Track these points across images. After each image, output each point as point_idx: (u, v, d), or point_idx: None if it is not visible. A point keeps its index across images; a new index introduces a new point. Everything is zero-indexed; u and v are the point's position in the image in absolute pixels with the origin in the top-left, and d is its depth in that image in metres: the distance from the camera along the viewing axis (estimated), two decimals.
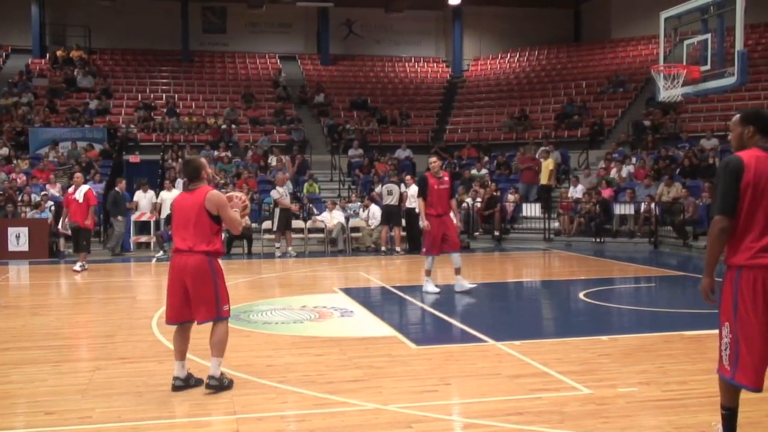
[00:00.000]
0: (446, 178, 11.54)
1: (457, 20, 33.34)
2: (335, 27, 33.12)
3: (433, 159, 11.94)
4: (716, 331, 4.56)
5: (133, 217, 19.32)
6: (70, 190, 15.50)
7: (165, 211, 17.95)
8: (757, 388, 4.26)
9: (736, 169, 4.23)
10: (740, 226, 4.26)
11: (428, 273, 11.61)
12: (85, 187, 15.20)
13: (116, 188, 18.57)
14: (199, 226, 6.06)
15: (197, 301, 6.05)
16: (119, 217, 18.16)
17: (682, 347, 7.76)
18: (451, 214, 11.59)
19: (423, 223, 11.41)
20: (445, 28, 34.39)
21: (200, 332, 6.44)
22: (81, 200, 14.92)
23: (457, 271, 11.56)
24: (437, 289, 11.50)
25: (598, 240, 19.45)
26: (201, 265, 6.03)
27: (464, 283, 11.54)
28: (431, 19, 34.39)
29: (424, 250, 11.73)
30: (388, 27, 33.96)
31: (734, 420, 4.49)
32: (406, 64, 33.84)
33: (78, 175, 15.81)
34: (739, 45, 12.57)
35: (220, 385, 6.07)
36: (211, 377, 6.06)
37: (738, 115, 4.52)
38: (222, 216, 6.12)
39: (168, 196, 18.44)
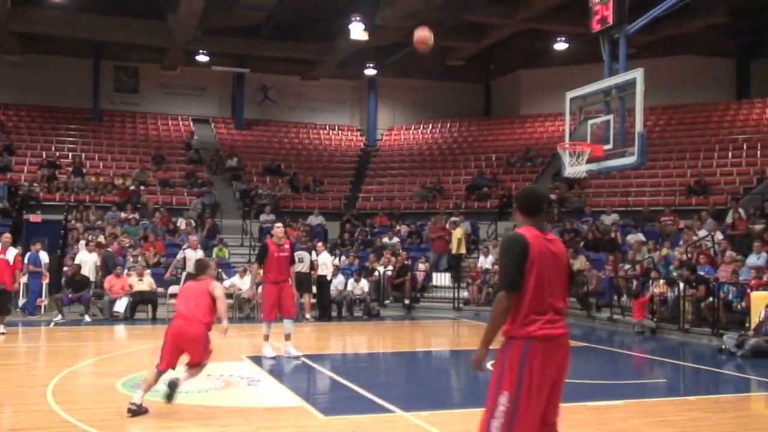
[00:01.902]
0: (287, 246, 11.89)
1: (372, 90, 33.96)
2: (251, 92, 33.21)
3: (279, 225, 12.24)
4: (618, 402, 4.67)
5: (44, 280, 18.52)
6: None
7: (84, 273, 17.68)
8: None
9: (522, 248, 4.48)
10: (526, 300, 4.45)
11: (266, 338, 11.75)
12: (14, 250, 14.66)
13: (31, 249, 17.94)
14: (200, 304, 8.05)
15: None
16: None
17: (585, 418, 7.88)
18: (290, 281, 11.88)
19: (250, 290, 11.55)
20: (361, 98, 34.94)
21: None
22: (12, 262, 14.38)
23: (287, 337, 11.80)
24: (274, 354, 11.65)
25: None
26: (197, 330, 8.00)
27: (291, 350, 11.77)
28: (347, 88, 34.90)
29: (262, 316, 11.85)
30: (304, 94, 34.27)
31: None
32: (321, 131, 34.10)
33: (7, 235, 15.12)
34: (639, 126, 13.16)
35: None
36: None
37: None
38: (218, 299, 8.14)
39: (86, 258, 17.98)
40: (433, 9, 24.47)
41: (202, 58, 29.84)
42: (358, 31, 25.44)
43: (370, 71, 31.73)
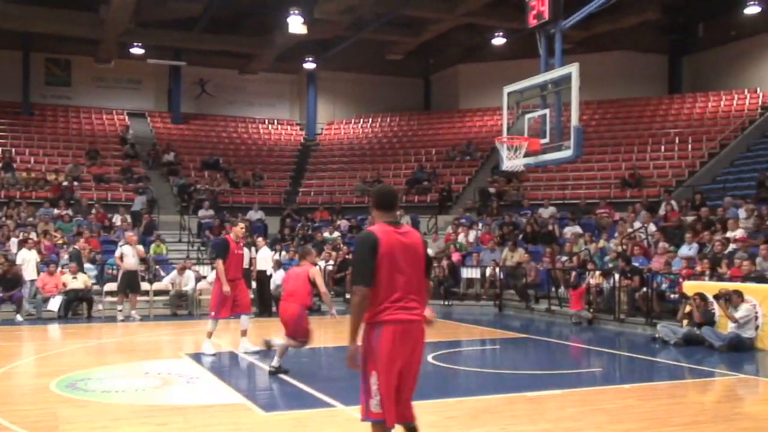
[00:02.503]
0: (242, 244, 12.22)
1: (311, 84, 33.78)
2: (188, 85, 32.69)
3: (242, 225, 12.50)
4: (555, 392, 4.73)
5: None
6: None
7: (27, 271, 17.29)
8: (400, 422, 4.97)
9: (372, 245, 4.85)
10: (380, 290, 4.84)
11: (210, 335, 11.68)
12: None
13: None
14: (298, 288, 9.62)
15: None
16: None
17: (524, 408, 7.98)
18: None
19: (225, 287, 11.42)
20: (300, 92, 34.75)
21: None
22: None
23: (244, 333, 11.87)
24: (214, 351, 11.61)
25: (446, 303, 19.86)
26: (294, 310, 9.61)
27: (248, 345, 11.84)
28: (286, 83, 34.64)
29: (212, 313, 11.74)
30: (243, 88, 33.90)
31: None
32: (260, 126, 33.80)
33: None
34: (574, 121, 13.39)
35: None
36: None
37: None
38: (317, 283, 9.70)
39: (27, 257, 17.48)
40: (372, 3, 24.49)
41: (137, 50, 29.23)
42: (296, 24, 25.29)
43: (309, 65, 31.55)
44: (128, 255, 17.11)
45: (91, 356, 11.84)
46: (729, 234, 16.07)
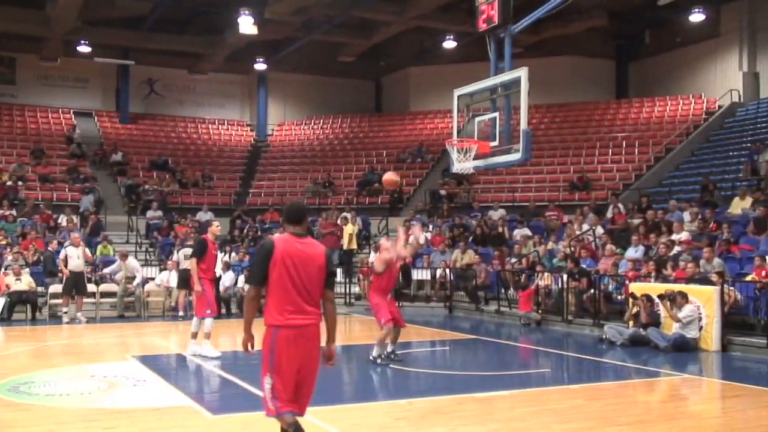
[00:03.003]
0: (216, 244, 12.19)
1: (262, 85, 33.57)
2: (136, 85, 32.21)
3: (217, 224, 12.46)
4: (504, 392, 4.77)
5: None
6: None
7: None
8: (298, 412, 5.37)
9: (267, 250, 5.29)
10: (276, 294, 5.25)
11: (208, 336, 11.57)
12: None
13: None
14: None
15: None
16: None
17: (473, 409, 8.04)
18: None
19: (197, 287, 11.32)
20: (251, 92, 34.50)
21: None
22: None
23: (194, 336, 11.73)
24: (218, 353, 11.50)
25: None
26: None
27: (197, 348, 11.65)
28: (236, 83, 34.37)
29: (208, 312, 11.59)
30: (192, 88, 33.54)
31: None
32: (210, 126, 33.46)
33: None
34: (523, 124, 13.50)
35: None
36: None
37: None
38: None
39: None
40: (323, 5, 24.44)
41: (83, 49, 28.71)
42: (247, 25, 25.12)
43: (260, 66, 31.36)
44: (73, 256, 16.79)
45: (36, 359, 11.60)
46: (674, 237, 16.39)
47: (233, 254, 20.96)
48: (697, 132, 26.16)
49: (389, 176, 13.08)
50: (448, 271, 19.86)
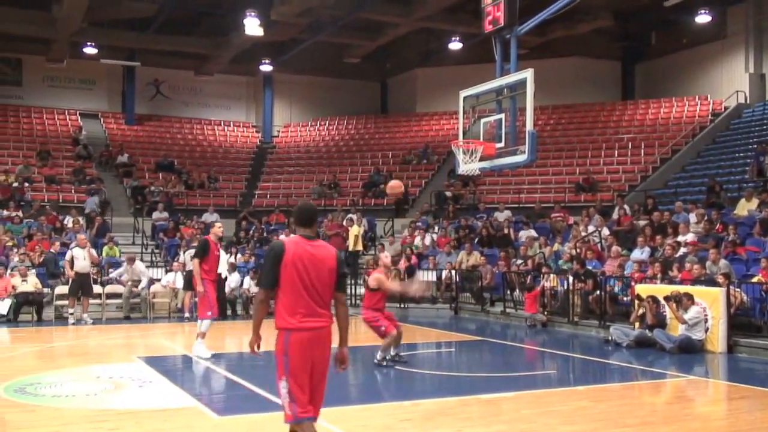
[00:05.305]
0: (219, 245, 12.31)
1: (268, 87, 33.62)
2: (142, 86, 32.30)
3: (219, 225, 12.61)
4: (510, 394, 4.76)
5: None
6: None
7: None
8: (314, 417, 5.25)
9: (278, 253, 5.22)
10: (288, 297, 5.18)
11: (203, 336, 11.61)
12: None
13: None
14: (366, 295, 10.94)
15: None
16: None
17: (478, 410, 8.03)
18: None
19: (200, 287, 11.36)
20: (256, 94, 34.53)
21: None
22: None
23: (203, 336, 11.72)
24: (209, 354, 11.54)
25: (402, 305, 19.88)
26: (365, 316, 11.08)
27: (203, 349, 11.70)
28: (242, 85, 34.43)
29: (209, 313, 11.64)
30: (198, 90, 33.61)
31: None
32: (216, 128, 33.52)
33: None
34: (529, 125, 13.49)
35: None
36: None
37: None
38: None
39: None
40: (329, 6, 24.46)
41: (90, 50, 28.77)
42: (253, 26, 25.17)
43: (266, 67, 31.40)
44: (79, 258, 16.82)
45: (42, 360, 11.63)
46: (680, 238, 16.36)
47: (239, 255, 20.99)
48: (703, 133, 26.11)
49: (393, 184, 13.24)
50: (453, 272, 19.85)
